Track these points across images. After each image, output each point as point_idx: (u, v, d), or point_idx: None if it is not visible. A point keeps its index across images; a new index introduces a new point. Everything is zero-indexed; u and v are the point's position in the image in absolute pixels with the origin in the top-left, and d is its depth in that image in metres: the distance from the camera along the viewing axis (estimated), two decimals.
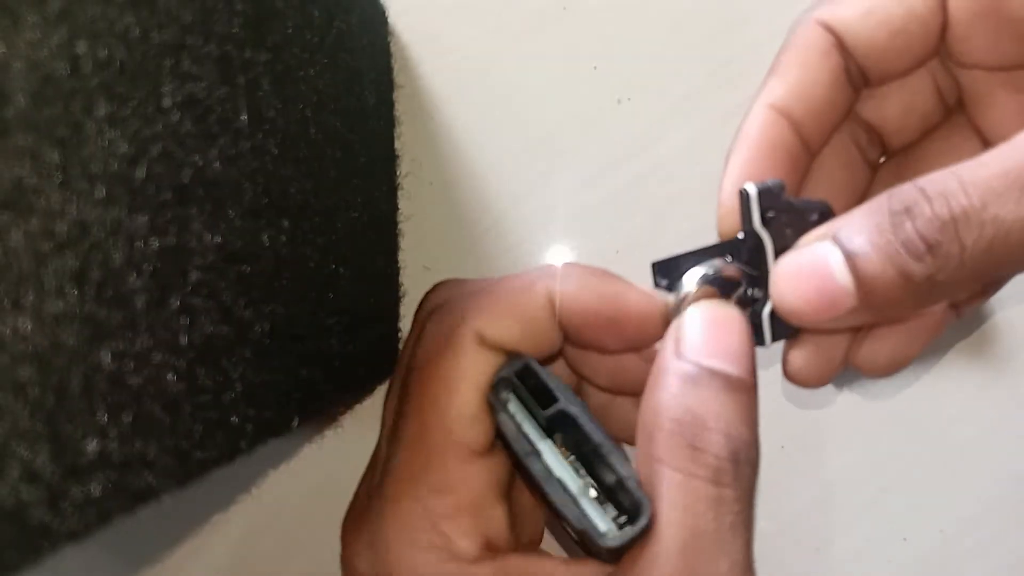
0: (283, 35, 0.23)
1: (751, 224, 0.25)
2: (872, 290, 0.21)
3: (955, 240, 0.20)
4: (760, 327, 0.26)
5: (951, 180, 0.20)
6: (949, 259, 0.20)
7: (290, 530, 0.38)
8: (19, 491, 0.13)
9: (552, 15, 0.41)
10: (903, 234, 0.21)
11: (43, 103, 0.14)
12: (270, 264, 0.22)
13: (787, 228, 0.25)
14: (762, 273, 0.25)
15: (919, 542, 0.39)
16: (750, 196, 0.25)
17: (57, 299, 0.14)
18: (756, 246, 0.25)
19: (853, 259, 0.22)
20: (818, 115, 0.27)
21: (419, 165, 0.40)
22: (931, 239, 0.20)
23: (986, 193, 0.20)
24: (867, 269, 0.21)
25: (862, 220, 0.22)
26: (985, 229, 0.20)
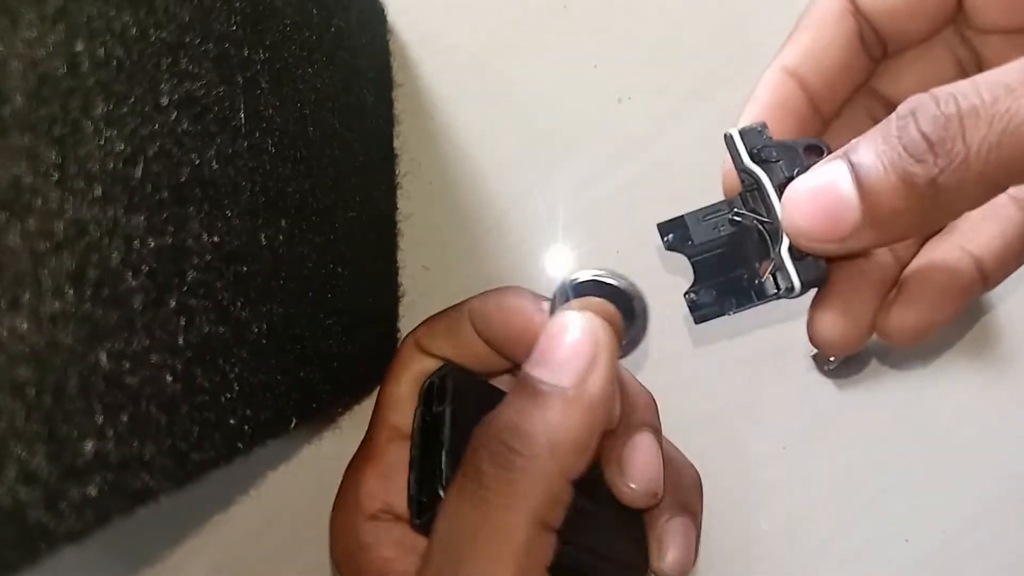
0: (281, 34, 0.23)
1: (742, 163, 0.25)
2: (876, 202, 0.20)
3: (959, 137, 0.19)
4: (785, 270, 0.24)
5: (964, 82, 0.19)
6: (953, 158, 0.19)
7: (289, 531, 0.38)
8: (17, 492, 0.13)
9: (552, 14, 0.41)
10: (906, 136, 0.20)
11: (40, 102, 0.13)
12: (268, 264, 0.22)
13: (779, 162, 0.24)
14: (769, 214, 0.24)
15: (920, 542, 0.39)
16: (734, 137, 0.25)
17: (54, 299, 0.14)
18: (755, 191, 0.25)
19: (857, 170, 0.21)
20: (830, 79, 0.26)
21: (418, 164, 0.40)
22: (934, 136, 0.19)
23: (998, 88, 0.19)
24: (870, 178, 0.20)
25: (872, 133, 0.21)
26: (995, 124, 0.18)
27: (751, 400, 0.39)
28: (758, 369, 0.39)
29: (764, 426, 0.39)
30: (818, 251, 0.23)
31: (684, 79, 0.40)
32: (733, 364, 0.39)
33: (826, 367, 0.39)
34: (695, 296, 0.26)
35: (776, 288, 0.25)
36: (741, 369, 0.39)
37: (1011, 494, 0.39)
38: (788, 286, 0.24)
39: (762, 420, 0.39)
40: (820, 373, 0.39)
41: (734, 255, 0.26)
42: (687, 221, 0.26)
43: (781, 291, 0.25)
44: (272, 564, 0.38)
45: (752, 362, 0.39)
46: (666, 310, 0.40)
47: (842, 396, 0.39)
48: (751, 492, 0.39)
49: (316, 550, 0.37)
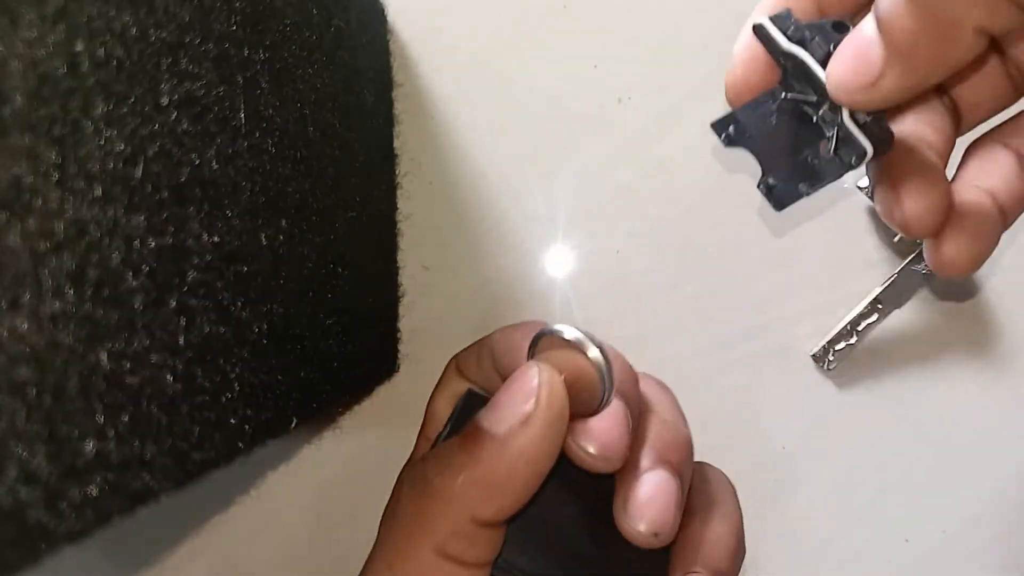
0: (281, 34, 0.23)
1: (781, 47, 0.25)
2: (890, 28, 0.21)
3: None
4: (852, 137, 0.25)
5: None
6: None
7: (289, 531, 0.38)
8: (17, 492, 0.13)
9: (552, 13, 0.41)
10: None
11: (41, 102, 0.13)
12: (268, 264, 0.22)
13: (816, 39, 0.25)
14: (819, 90, 0.25)
15: (920, 542, 0.39)
16: (765, 24, 0.25)
17: (54, 299, 0.14)
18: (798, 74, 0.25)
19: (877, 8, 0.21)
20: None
21: (418, 164, 0.40)
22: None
23: None
24: (883, 7, 0.21)
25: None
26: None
27: (751, 400, 0.39)
28: (758, 369, 0.39)
29: (764, 426, 0.39)
30: (858, 105, 0.23)
31: (684, 79, 0.40)
32: (733, 364, 0.39)
33: (826, 367, 0.39)
34: (770, 181, 0.25)
35: (843, 160, 0.25)
36: (741, 369, 0.39)
37: (1011, 494, 0.39)
38: (860, 152, 0.25)
39: (762, 420, 0.39)
40: (820, 373, 0.39)
41: (794, 140, 0.26)
42: (739, 116, 0.26)
43: (852, 160, 0.25)
44: (272, 564, 0.38)
45: (752, 362, 0.39)
46: (666, 310, 0.40)
47: (842, 396, 0.39)
48: (751, 492, 0.39)
49: (317, 550, 0.37)
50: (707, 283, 0.39)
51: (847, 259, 0.39)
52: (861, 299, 0.38)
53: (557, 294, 0.39)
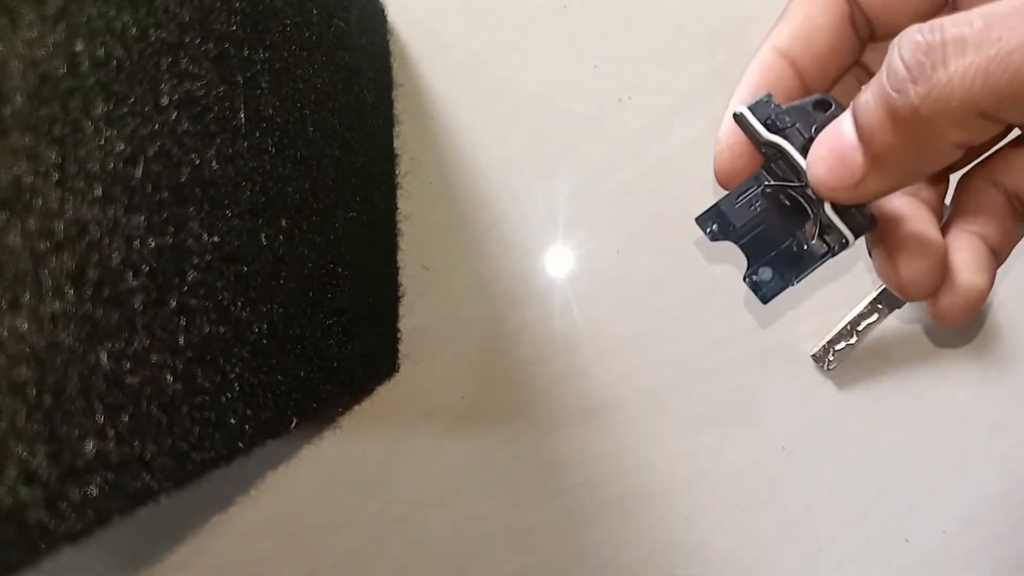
0: (281, 34, 0.23)
1: (761, 137, 0.25)
2: (871, 141, 0.20)
3: (940, 63, 0.18)
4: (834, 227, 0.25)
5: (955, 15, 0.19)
6: (934, 86, 0.18)
7: (289, 531, 0.38)
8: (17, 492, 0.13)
9: (552, 13, 0.41)
10: (889, 67, 0.19)
11: (41, 102, 0.13)
12: (268, 264, 0.22)
13: (796, 125, 0.25)
14: (801, 178, 0.25)
15: (920, 542, 0.39)
16: (744, 114, 0.25)
17: (55, 299, 0.14)
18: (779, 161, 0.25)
19: (854, 110, 0.21)
20: (820, 60, 0.27)
21: (418, 164, 0.40)
22: (912, 62, 0.19)
23: (990, 16, 0.18)
24: (862, 115, 0.20)
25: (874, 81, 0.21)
26: (983, 50, 0.18)
27: (751, 400, 0.39)
28: (758, 369, 0.39)
29: (764, 426, 0.39)
30: (842, 200, 0.23)
31: (684, 79, 0.40)
32: (733, 364, 0.39)
33: (826, 367, 0.39)
34: (755, 277, 0.26)
35: (828, 247, 0.25)
36: (741, 369, 0.39)
37: (1011, 494, 0.39)
38: (842, 241, 0.25)
39: (762, 420, 0.39)
40: (820, 373, 0.39)
41: (777, 229, 0.26)
42: (723, 208, 0.26)
43: (836, 248, 0.25)
44: (272, 564, 0.38)
45: (752, 362, 0.39)
46: (666, 310, 0.40)
47: (842, 396, 0.39)
48: (751, 492, 0.39)
49: (316, 550, 0.37)
50: (707, 283, 0.39)
51: (847, 259, 0.39)
52: (861, 299, 0.38)
53: (557, 294, 0.39)
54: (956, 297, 0.26)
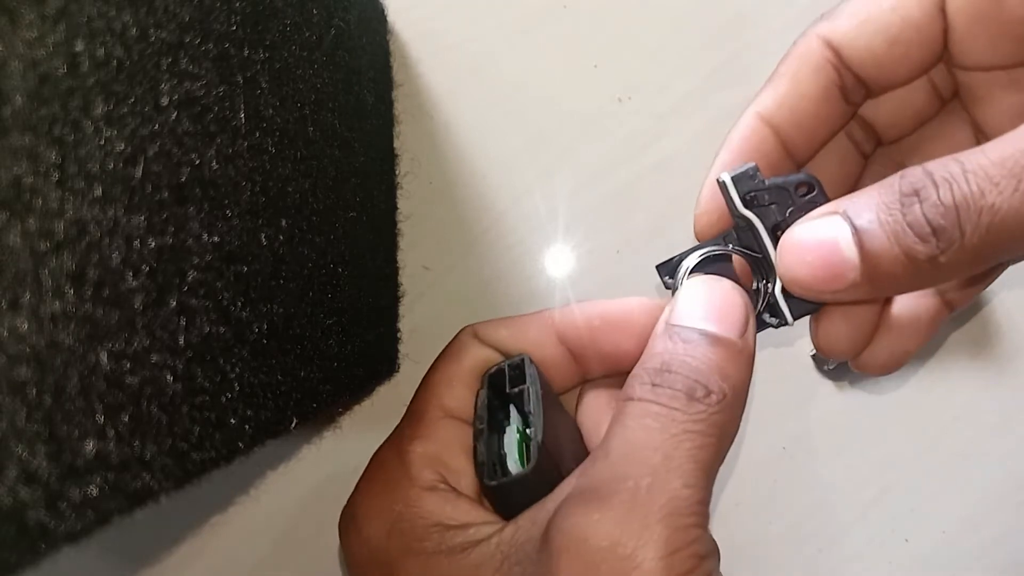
0: (281, 33, 0.23)
1: (737, 209, 0.26)
2: (876, 266, 0.22)
3: (956, 226, 0.21)
4: (778, 307, 0.26)
5: (954, 166, 0.21)
6: (951, 243, 0.21)
7: (289, 531, 0.38)
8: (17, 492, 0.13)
9: (552, 13, 0.41)
10: (911, 216, 0.21)
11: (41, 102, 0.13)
12: (268, 264, 0.22)
13: (772, 205, 0.26)
14: (763, 254, 0.26)
15: (920, 542, 0.39)
16: (727, 183, 0.26)
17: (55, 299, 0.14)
18: (749, 231, 0.26)
19: (860, 234, 0.22)
20: (804, 128, 0.27)
21: (418, 164, 0.40)
22: (936, 224, 0.21)
23: (983, 181, 0.20)
24: (873, 245, 0.22)
25: (872, 199, 0.22)
26: (983, 217, 0.20)
27: (751, 400, 0.39)
28: (758, 369, 0.39)
29: (764, 427, 0.39)
30: (809, 298, 0.25)
31: (684, 79, 0.40)
32: None
33: (826, 367, 0.39)
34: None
35: (770, 319, 0.27)
36: None
37: (1011, 494, 0.39)
38: (783, 320, 0.27)
39: (762, 421, 0.39)
40: (820, 373, 0.39)
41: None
42: (682, 260, 0.27)
43: (775, 323, 0.27)
44: (272, 564, 0.38)
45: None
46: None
47: (842, 396, 0.39)
48: (751, 493, 0.39)
49: (316, 550, 0.37)
50: None
51: None
52: None
53: (557, 294, 0.39)
54: (876, 358, 0.28)
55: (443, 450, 0.28)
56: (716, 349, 0.25)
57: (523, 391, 0.27)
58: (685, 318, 0.26)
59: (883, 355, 0.27)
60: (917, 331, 0.28)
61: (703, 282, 0.26)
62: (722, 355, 0.25)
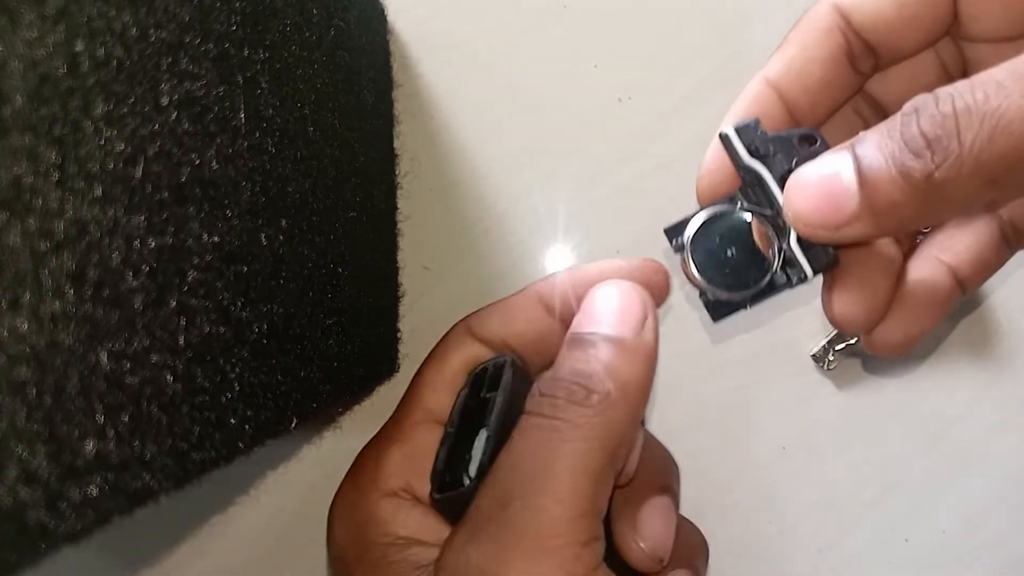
0: (281, 34, 0.23)
1: (742, 161, 0.25)
2: (874, 191, 0.21)
3: (955, 135, 0.19)
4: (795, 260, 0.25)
5: (963, 82, 0.20)
6: (948, 154, 0.20)
7: (289, 531, 0.38)
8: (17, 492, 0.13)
9: (552, 13, 0.41)
10: (907, 133, 0.20)
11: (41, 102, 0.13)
12: (268, 264, 0.22)
13: (778, 155, 0.25)
14: (774, 208, 0.25)
15: (920, 542, 0.39)
16: (730, 135, 0.25)
17: (55, 299, 0.14)
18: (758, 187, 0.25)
19: (859, 161, 0.21)
20: (811, 94, 0.27)
21: (418, 164, 0.40)
22: (931, 134, 0.20)
23: (990, 86, 0.19)
24: (869, 167, 0.21)
25: (879, 127, 0.22)
26: (986, 121, 0.19)
27: (751, 400, 0.39)
28: (758, 369, 0.39)
29: (764, 426, 0.39)
30: (817, 238, 0.24)
31: (684, 79, 0.40)
32: (733, 364, 0.39)
33: (826, 367, 0.39)
34: (710, 297, 0.26)
35: (787, 278, 0.26)
36: (741, 369, 0.39)
37: (1011, 494, 0.39)
38: (801, 275, 0.25)
39: (762, 420, 0.39)
40: (820, 373, 0.39)
41: (739, 253, 0.26)
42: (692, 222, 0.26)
43: (794, 280, 0.26)
44: (272, 564, 0.38)
45: (752, 362, 0.39)
46: (666, 310, 0.40)
47: (842, 396, 0.39)
48: (751, 492, 0.39)
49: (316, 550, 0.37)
50: None
51: None
52: None
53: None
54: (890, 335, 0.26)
55: (418, 454, 0.28)
56: (605, 348, 0.25)
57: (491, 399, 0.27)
58: (582, 324, 0.26)
59: (896, 333, 0.26)
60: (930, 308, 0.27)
61: (603, 288, 0.27)
62: (612, 354, 0.25)
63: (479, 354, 0.29)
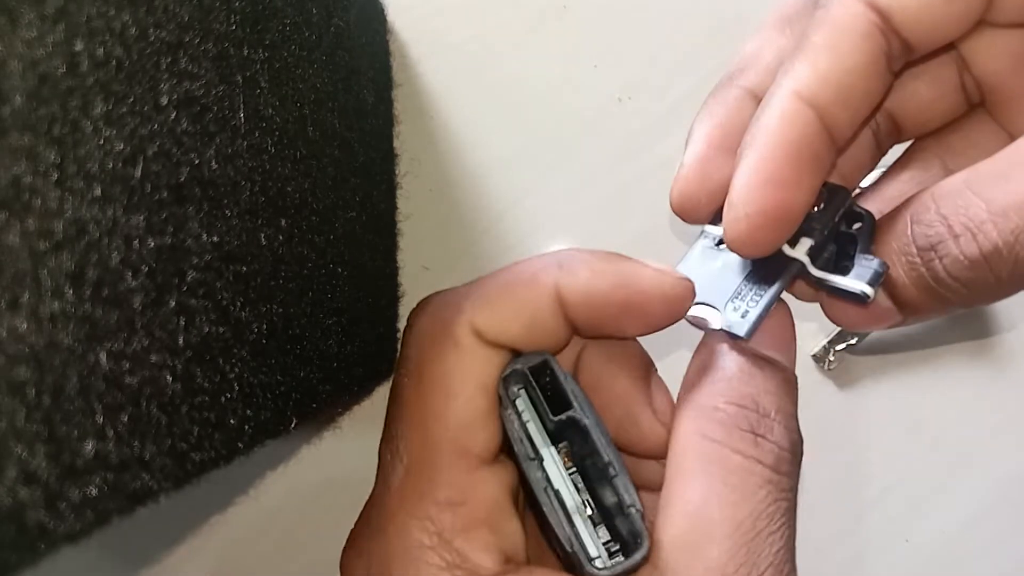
0: (281, 33, 0.23)
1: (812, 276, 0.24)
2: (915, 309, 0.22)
3: (989, 274, 0.20)
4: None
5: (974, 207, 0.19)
6: (985, 288, 0.20)
7: (288, 532, 0.38)
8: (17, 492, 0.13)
9: (552, 13, 0.41)
10: (933, 273, 0.21)
11: (40, 102, 0.13)
12: (268, 264, 0.22)
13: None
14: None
15: (920, 542, 0.39)
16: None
17: (54, 299, 0.14)
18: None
19: (892, 288, 0.22)
20: (850, 106, 0.23)
21: (418, 164, 0.40)
22: (964, 279, 0.20)
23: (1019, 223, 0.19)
24: (906, 296, 0.22)
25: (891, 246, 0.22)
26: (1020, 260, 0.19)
27: None
28: None
29: None
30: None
31: (684, 79, 0.40)
32: None
33: (826, 367, 0.39)
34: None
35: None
36: None
37: (1011, 494, 0.39)
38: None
39: None
40: (820, 373, 0.39)
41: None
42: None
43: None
44: (271, 564, 0.38)
45: None
46: None
47: (842, 396, 0.39)
48: None
49: (316, 550, 0.37)
50: None
51: None
52: None
53: None
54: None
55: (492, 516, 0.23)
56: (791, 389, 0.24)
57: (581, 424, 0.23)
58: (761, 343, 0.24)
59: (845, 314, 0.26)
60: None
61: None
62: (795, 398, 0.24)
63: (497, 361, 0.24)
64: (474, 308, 0.24)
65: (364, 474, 0.38)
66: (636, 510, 0.22)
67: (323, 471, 0.37)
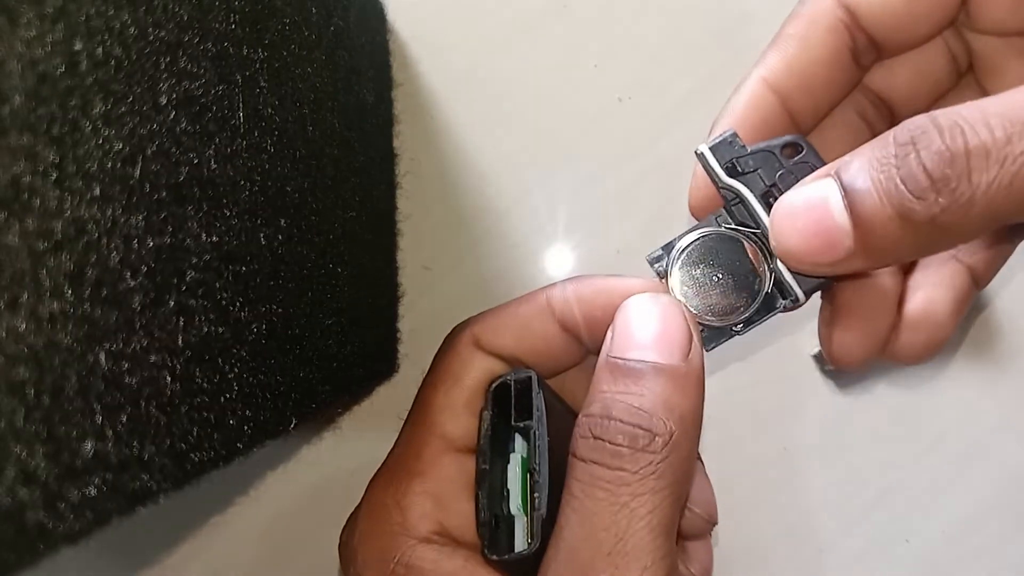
0: (280, 33, 0.23)
1: (720, 180, 0.24)
2: (870, 231, 0.19)
3: (965, 176, 0.17)
4: (785, 283, 0.24)
5: (971, 110, 0.18)
6: (957, 198, 0.18)
7: (288, 531, 0.38)
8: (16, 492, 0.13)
9: (552, 13, 0.41)
10: (906, 168, 0.18)
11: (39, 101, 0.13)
12: (267, 264, 0.22)
13: (759, 170, 0.24)
14: (760, 227, 0.24)
15: (920, 542, 0.39)
16: (704, 153, 0.24)
17: (53, 299, 0.14)
18: (741, 204, 0.24)
19: (851, 195, 0.19)
20: (812, 94, 0.25)
21: (418, 164, 0.40)
22: (936, 173, 0.18)
23: (1013, 125, 0.17)
24: (864, 207, 0.19)
25: (867, 153, 0.19)
26: (1007, 165, 0.17)
27: (751, 401, 0.39)
28: (758, 369, 0.39)
29: (764, 427, 0.39)
30: (809, 272, 0.23)
31: (684, 79, 0.40)
32: (734, 365, 0.39)
33: (827, 368, 0.39)
34: (702, 324, 0.25)
35: (778, 303, 0.24)
36: (741, 369, 0.39)
37: (1011, 494, 0.39)
38: (793, 298, 0.24)
39: (762, 421, 0.39)
40: (820, 373, 0.39)
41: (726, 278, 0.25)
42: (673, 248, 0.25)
43: (786, 303, 0.24)
44: (271, 565, 0.38)
45: (753, 363, 0.39)
46: None
47: (842, 396, 0.39)
48: (752, 493, 0.39)
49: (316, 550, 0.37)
50: None
51: None
52: None
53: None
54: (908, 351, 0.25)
55: (444, 491, 0.26)
56: (658, 380, 0.23)
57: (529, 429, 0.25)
58: (622, 347, 0.23)
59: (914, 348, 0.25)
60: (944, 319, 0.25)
61: (639, 303, 0.24)
62: (664, 385, 0.23)
63: (492, 368, 0.27)
64: (476, 321, 0.27)
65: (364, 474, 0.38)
66: (539, 516, 0.24)
67: (323, 471, 0.37)
